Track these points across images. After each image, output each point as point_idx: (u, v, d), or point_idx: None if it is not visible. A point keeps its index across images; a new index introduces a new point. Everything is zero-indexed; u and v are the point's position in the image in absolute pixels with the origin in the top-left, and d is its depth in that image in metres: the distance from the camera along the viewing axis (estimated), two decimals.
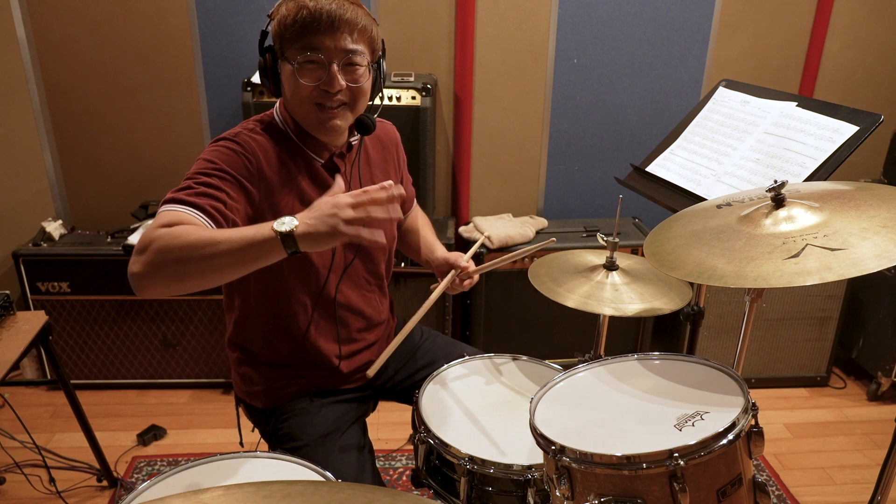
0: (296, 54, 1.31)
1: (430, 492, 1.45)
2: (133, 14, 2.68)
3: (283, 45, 1.33)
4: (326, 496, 0.66)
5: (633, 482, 1.08)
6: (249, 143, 1.35)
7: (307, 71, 1.32)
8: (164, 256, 1.12)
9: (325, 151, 1.45)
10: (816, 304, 2.77)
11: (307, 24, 1.28)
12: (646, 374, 1.33)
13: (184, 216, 1.19)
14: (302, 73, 1.31)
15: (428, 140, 2.60)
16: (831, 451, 2.54)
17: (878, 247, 1.10)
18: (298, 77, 1.31)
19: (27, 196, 2.84)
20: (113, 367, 2.76)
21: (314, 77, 1.32)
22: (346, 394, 1.59)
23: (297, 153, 1.43)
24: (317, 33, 1.29)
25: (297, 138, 1.43)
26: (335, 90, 1.33)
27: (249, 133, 1.38)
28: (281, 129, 1.42)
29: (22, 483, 2.23)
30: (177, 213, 1.19)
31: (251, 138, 1.36)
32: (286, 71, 1.34)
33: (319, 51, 1.30)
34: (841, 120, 1.60)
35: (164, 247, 1.12)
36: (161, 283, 1.14)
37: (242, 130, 1.38)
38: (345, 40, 1.31)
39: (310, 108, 1.35)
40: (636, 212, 3.03)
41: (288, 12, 1.29)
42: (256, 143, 1.36)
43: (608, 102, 2.93)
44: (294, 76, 1.32)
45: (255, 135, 1.38)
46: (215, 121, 2.84)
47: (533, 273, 1.73)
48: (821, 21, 2.88)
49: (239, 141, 1.35)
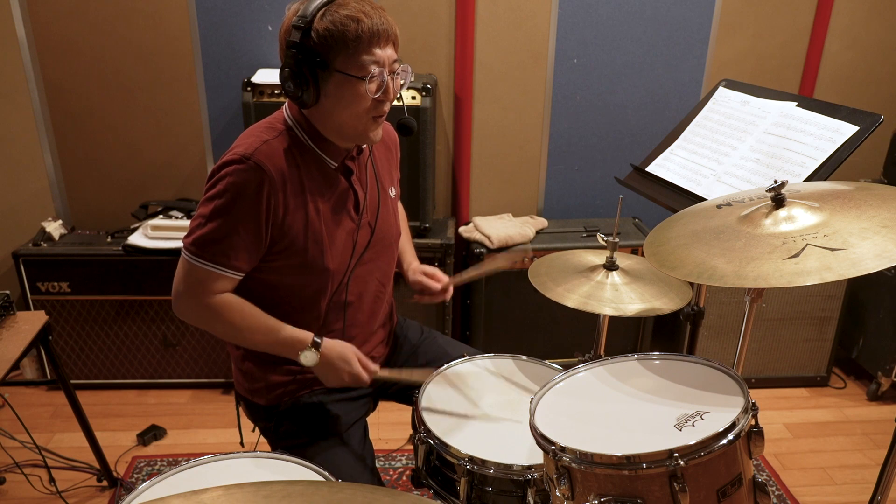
0: (356, 68, 1.32)
1: (430, 492, 1.45)
2: (133, 14, 2.68)
3: (336, 58, 1.32)
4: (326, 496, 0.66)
5: (633, 482, 1.08)
6: (261, 167, 1.34)
7: (371, 83, 1.34)
8: (207, 327, 1.48)
9: (339, 155, 1.46)
10: (816, 304, 2.77)
11: (368, 38, 1.30)
12: (646, 374, 1.33)
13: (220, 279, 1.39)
14: (368, 85, 1.34)
15: (428, 140, 2.60)
16: (831, 451, 2.54)
17: (878, 247, 1.10)
18: (366, 88, 1.33)
19: (27, 196, 2.84)
20: (113, 367, 2.76)
21: (375, 88, 1.35)
22: (349, 392, 1.59)
23: (312, 158, 1.43)
24: (376, 46, 1.33)
25: (313, 142, 1.43)
26: (391, 99, 1.39)
27: (266, 144, 1.37)
28: (295, 135, 1.42)
29: (22, 483, 2.23)
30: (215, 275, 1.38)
31: (266, 152, 1.36)
32: (336, 81, 1.33)
33: (380, 63, 1.34)
34: (841, 120, 1.60)
35: (207, 324, 1.46)
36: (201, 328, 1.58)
37: (258, 143, 1.37)
38: (393, 51, 1.38)
39: (367, 120, 1.39)
40: (636, 212, 3.03)
41: (343, 26, 1.29)
42: (270, 158, 1.36)
43: (608, 102, 2.93)
44: (351, 88, 1.33)
45: (270, 146, 1.37)
46: (215, 121, 2.84)
47: (533, 273, 1.73)
48: (821, 21, 2.88)
49: (256, 162, 1.34)
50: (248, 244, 1.37)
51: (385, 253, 1.60)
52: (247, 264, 1.40)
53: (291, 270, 1.44)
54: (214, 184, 1.36)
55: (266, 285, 1.46)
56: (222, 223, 1.35)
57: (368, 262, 1.55)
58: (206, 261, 1.37)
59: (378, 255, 1.58)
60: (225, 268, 1.38)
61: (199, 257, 1.37)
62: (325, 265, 1.44)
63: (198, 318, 1.44)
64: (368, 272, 1.56)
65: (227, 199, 1.34)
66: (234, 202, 1.34)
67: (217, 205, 1.35)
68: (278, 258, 1.42)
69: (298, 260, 1.42)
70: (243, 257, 1.38)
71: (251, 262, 1.41)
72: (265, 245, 1.40)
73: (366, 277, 1.56)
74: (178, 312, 1.43)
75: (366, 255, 1.53)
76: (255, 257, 1.41)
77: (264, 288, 1.47)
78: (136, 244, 2.59)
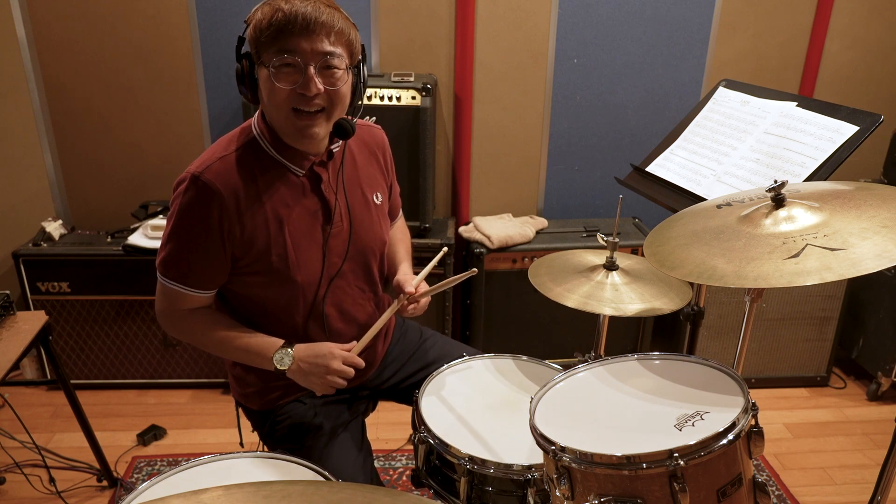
0: (271, 58, 1.27)
1: (430, 492, 1.45)
2: (133, 14, 2.68)
3: (259, 50, 1.29)
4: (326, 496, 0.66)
5: (633, 482, 1.08)
6: (214, 183, 1.33)
7: (283, 74, 1.28)
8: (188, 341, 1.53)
9: (305, 161, 1.41)
10: (816, 304, 2.77)
11: (282, 26, 1.25)
12: (646, 374, 1.33)
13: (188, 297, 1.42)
14: (278, 76, 1.28)
15: (428, 140, 2.60)
16: (831, 451, 2.54)
17: (878, 247, 1.10)
18: (274, 81, 1.28)
19: (27, 196, 2.84)
20: (113, 367, 2.76)
21: (291, 81, 1.28)
22: (341, 394, 1.58)
23: (274, 168, 1.40)
24: (292, 36, 1.26)
25: (275, 150, 1.39)
26: (312, 94, 1.29)
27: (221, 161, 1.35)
28: (258, 145, 1.40)
29: (22, 483, 2.23)
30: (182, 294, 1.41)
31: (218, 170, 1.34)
32: (263, 76, 1.31)
33: (295, 53, 1.27)
34: (841, 120, 1.60)
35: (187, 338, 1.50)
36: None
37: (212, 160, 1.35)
38: (321, 43, 1.27)
39: (287, 114, 1.32)
40: (636, 212, 3.03)
41: (263, 16, 1.27)
42: (222, 176, 1.34)
43: (608, 102, 2.93)
44: (270, 80, 1.29)
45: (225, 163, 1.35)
46: (215, 121, 2.84)
47: (533, 273, 1.73)
48: (821, 21, 2.88)
49: (205, 181, 1.33)
50: (206, 264, 1.38)
51: (365, 261, 1.53)
52: (210, 282, 1.42)
53: (260, 284, 1.43)
54: (171, 202, 1.38)
55: (240, 298, 1.47)
56: (178, 246, 1.37)
57: (347, 273, 1.50)
58: (171, 280, 1.40)
59: (357, 265, 1.52)
60: (189, 287, 1.40)
61: (165, 277, 1.41)
62: (291, 277, 1.41)
63: (177, 332, 1.48)
64: (347, 283, 1.51)
65: (179, 222, 1.36)
66: (186, 225, 1.36)
67: (172, 227, 1.37)
68: (245, 272, 1.41)
69: (264, 273, 1.41)
70: (205, 276, 1.40)
71: (215, 280, 1.42)
72: (228, 262, 1.39)
73: (345, 288, 1.51)
74: (162, 326, 1.49)
75: (344, 266, 1.48)
76: (220, 274, 1.41)
77: (239, 301, 1.48)
78: (136, 244, 2.59)
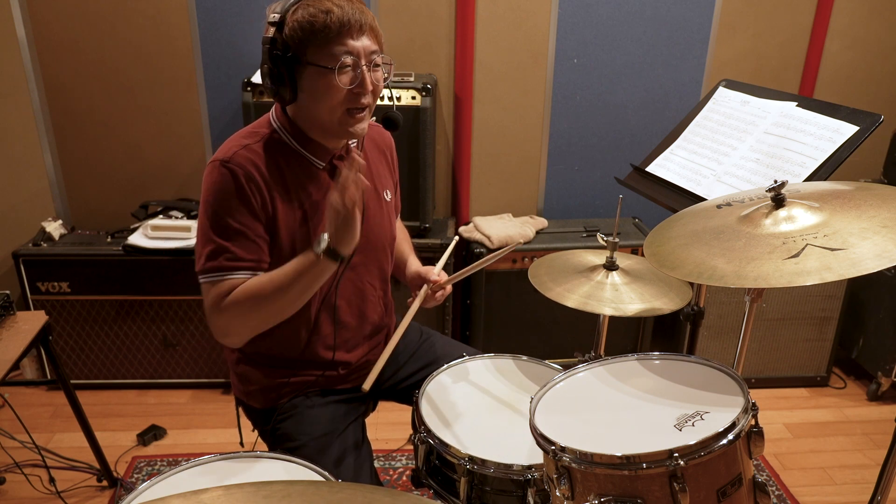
0: (327, 58, 1.30)
1: (430, 492, 1.45)
2: (133, 14, 2.68)
3: (307, 51, 1.31)
4: (326, 496, 0.66)
5: (633, 482, 1.08)
6: (244, 165, 1.34)
7: (343, 74, 1.32)
8: (245, 319, 1.37)
9: (327, 155, 1.45)
10: (816, 304, 2.77)
11: (338, 28, 1.29)
12: (646, 374, 1.33)
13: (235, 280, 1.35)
14: (339, 75, 1.32)
15: (428, 140, 2.60)
16: (831, 451, 2.54)
17: (878, 247, 1.10)
18: (337, 79, 1.31)
19: (27, 196, 2.84)
20: (113, 367, 2.76)
21: (348, 80, 1.33)
22: (344, 393, 1.58)
23: (297, 160, 1.42)
24: (348, 37, 1.30)
25: (299, 144, 1.42)
26: (368, 91, 1.35)
27: (244, 150, 1.37)
28: (278, 138, 1.42)
29: (22, 483, 2.23)
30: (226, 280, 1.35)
31: (246, 156, 1.36)
32: (309, 75, 1.33)
33: (352, 54, 1.31)
34: (841, 120, 1.60)
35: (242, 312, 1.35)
36: (248, 335, 1.42)
37: (237, 148, 1.37)
38: (371, 42, 1.34)
39: (341, 113, 1.36)
40: (636, 212, 3.03)
41: (312, 18, 1.29)
42: (250, 161, 1.36)
43: (608, 102, 2.93)
44: (323, 80, 1.32)
45: (250, 150, 1.37)
46: (215, 121, 2.84)
47: (533, 273, 1.73)
48: (821, 21, 2.88)
49: (234, 165, 1.34)
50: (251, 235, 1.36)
51: (377, 256, 1.57)
52: (255, 255, 1.37)
53: None
54: (203, 192, 1.37)
55: None
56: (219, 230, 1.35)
57: (359, 266, 1.53)
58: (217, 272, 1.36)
59: (369, 259, 1.55)
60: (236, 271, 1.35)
61: (211, 272, 1.36)
62: None
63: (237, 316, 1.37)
64: (358, 276, 1.54)
65: (215, 198, 1.35)
66: (224, 200, 1.34)
67: (208, 210, 1.36)
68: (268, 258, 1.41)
69: (285, 259, 1.40)
70: (252, 249, 1.36)
71: (260, 254, 1.38)
72: (266, 236, 1.38)
73: (355, 281, 1.54)
74: (220, 337, 1.41)
75: (355, 258, 1.51)
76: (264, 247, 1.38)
77: None
78: (136, 244, 2.59)
